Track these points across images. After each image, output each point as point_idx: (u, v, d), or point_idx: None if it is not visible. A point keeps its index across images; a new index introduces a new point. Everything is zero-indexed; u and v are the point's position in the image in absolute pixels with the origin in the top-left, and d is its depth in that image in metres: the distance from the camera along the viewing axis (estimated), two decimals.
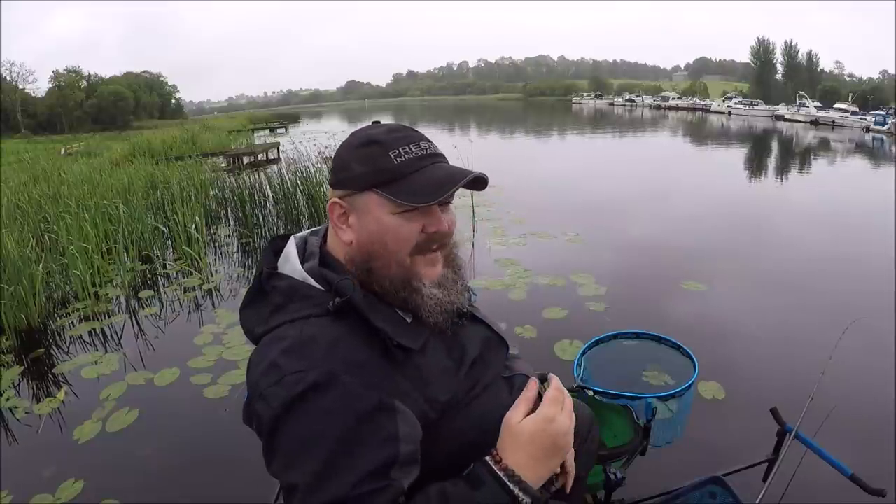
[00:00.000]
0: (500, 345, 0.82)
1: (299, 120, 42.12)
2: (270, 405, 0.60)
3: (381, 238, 0.69)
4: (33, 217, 5.49)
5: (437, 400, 0.67)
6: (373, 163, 0.68)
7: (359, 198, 0.70)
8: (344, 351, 0.63)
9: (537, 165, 11.16)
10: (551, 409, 0.65)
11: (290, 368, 0.61)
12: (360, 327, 0.66)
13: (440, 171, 0.70)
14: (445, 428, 0.68)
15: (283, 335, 0.65)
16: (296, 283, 0.70)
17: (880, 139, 18.70)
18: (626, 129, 23.91)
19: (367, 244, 0.70)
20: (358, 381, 0.61)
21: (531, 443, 0.63)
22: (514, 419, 0.65)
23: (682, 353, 1.54)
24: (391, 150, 0.69)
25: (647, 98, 56.56)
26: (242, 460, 1.95)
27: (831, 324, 2.36)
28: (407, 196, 0.67)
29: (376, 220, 0.69)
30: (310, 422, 0.59)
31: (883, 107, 29.09)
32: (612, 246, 4.92)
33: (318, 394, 0.59)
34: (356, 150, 0.71)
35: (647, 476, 1.57)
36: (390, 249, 0.69)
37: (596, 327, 2.84)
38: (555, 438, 0.64)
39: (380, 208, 0.69)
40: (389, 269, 0.69)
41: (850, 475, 1.29)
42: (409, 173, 0.68)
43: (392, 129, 0.72)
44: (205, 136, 16.77)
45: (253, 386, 0.65)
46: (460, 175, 0.69)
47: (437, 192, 0.67)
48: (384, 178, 0.68)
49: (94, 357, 3.02)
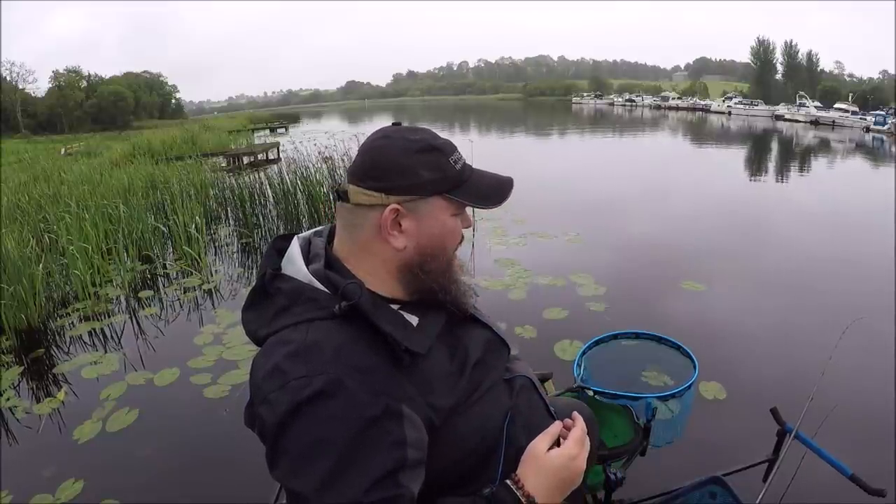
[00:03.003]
0: (501, 347, 0.82)
1: (299, 120, 42.09)
2: (275, 410, 0.60)
3: (442, 239, 0.72)
4: (33, 217, 5.49)
5: (441, 405, 0.67)
6: (441, 169, 0.70)
7: (424, 203, 0.70)
8: (350, 356, 0.63)
9: (537, 165, 11.15)
10: (575, 448, 0.71)
11: (296, 373, 0.60)
12: (365, 331, 0.65)
13: (490, 176, 0.76)
14: (448, 432, 0.68)
15: (287, 338, 0.65)
16: (300, 286, 0.69)
17: (880, 139, 18.70)
18: (625, 129, 23.92)
19: (428, 246, 0.71)
20: (364, 386, 0.61)
21: (554, 475, 0.69)
22: (541, 449, 0.70)
23: (682, 353, 1.54)
24: (450, 157, 0.72)
25: (647, 98, 56.54)
26: (242, 460, 1.96)
27: (831, 324, 2.35)
28: (475, 199, 0.72)
29: (441, 222, 0.72)
30: (316, 427, 0.59)
31: (883, 107, 29.08)
32: (611, 246, 4.92)
33: (324, 399, 0.59)
34: (418, 155, 0.70)
35: (647, 476, 1.57)
36: (448, 248, 0.74)
37: (596, 327, 2.84)
38: (573, 475, 0.70)
39: (445, 212, 0.72)
40: (442, 266, 0.73)
41: (850, 475, 1.29)
42: (467, 178, 0.73)
43: (434, 134, 0.75)
44: (205, 136, 16.75)
45: (256, 389, 0.64)
46: (508, 181, 0.76)
47: (499, 196, 0.74)
48: (452, 183, 0.71)
49: (94, 357, 3.03)
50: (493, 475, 0.71)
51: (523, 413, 0.77)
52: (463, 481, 0.70)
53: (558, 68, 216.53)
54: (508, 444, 0.73)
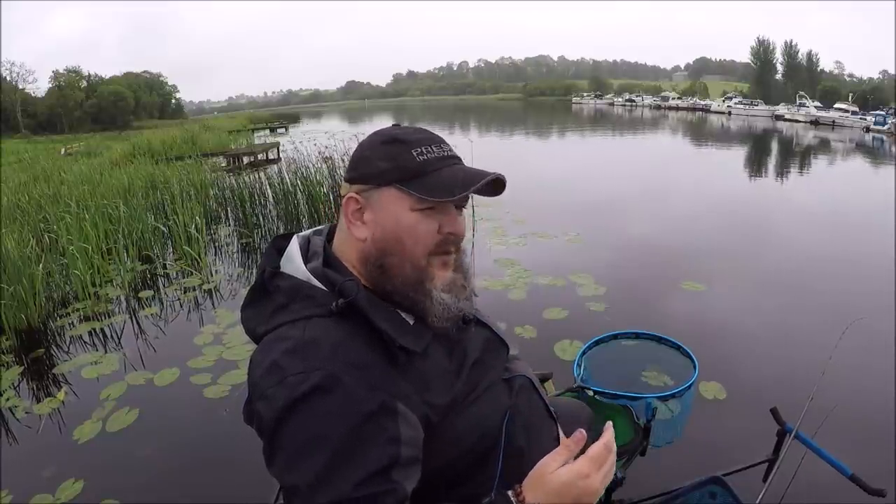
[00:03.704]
0: (500, 346, 0.82)
1: (299, 120, 42.10)
2: (272, 405, 0.60)
3: (397, 235, 0.69)
4: (33, 217, 5.49)
5: (438, 403, 0.67)
6: (396, 159, 0.69)
7: (377, 193, 0.70)
8: (346, 352, 0.63)
9: (537, 165, 11.15)
10: (588, 465, 0.63)
11: (293, 369, 0.61)
12: (362, 329, 0.66)
13: (461, 172, 0.71)
14: (445, 431, 0.68)
15: (285, 335, 0.65)
16: (298, 283, 0.70)
17: (880, 139, 18.70)
18: (625, 129, 23.93)
19: (383, 241, 0.70)
20: (360, 382, 0.61)
21: (557, 493, 0.62)
22: (551, 465, 0.64)
23: (682, 353, 1.54)
24: (414, 149, 0.70)
25: (647, 98, 56.52)
26: (242, 460, 1.96)
27: (831, 324, 2.36)
28: (428, 191, 0.68)
29: (394, 215, 0.69)
30: (312, 423, 0.59)
31: (883, 107, 29.07)
32: (611, 246, 4.92)
33: (321, 395, 0.59)
34: (380, 146, 0.71)
35: (647, 476, 1.57)
36: (407, 247, 0.69)
37: (596, 327, 2.84)
38: (581, 496, 0.63)
39: (399, 204, 0.69)
40: (403, 268, 0.70)
41: (850, 475, 1.29)
42: (430, 171, 0.69)
43: (416, 129, 0.74)
44: (205, 136, 16.77)
45: (254, 385, 0.65)
46: (480, 175, 0.69)
47: (457, 189, 0.68)
48: (406, 174, 0.69)
49: (94, 357, 3.03)
50: (493, 473, 0.71)
51: (523, 413, 0.76)
52: (461, 479, 0.70)
53: (558, 68, 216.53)
54: (507, 444, 0.72)
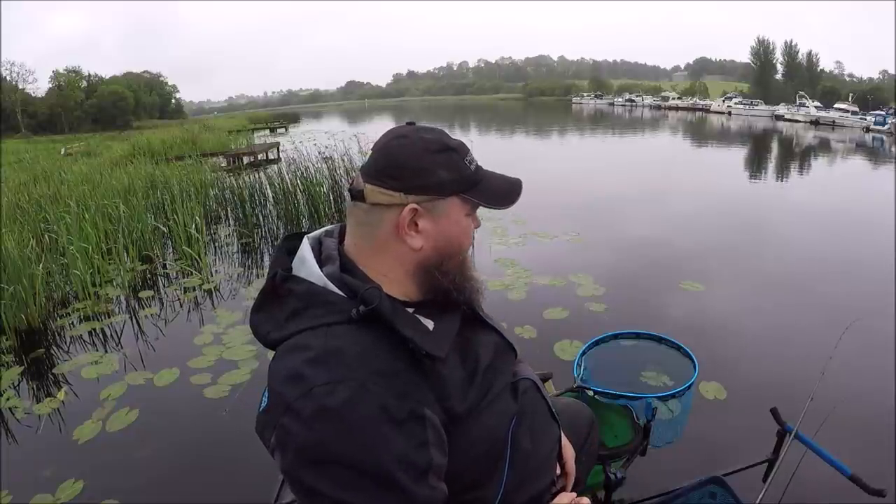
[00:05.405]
0: (508, 350, 0.82)
1: (299, 120, 42.05)
2: (300, 417, 0.59)
3: (458, 239, 0.73)
4: (33, 217, 5.47)
5: (457, 410, 0.67)
6: (458, 169, 0.71)
7: (443, 203, 0.70)
8: (372, 361, 0.62)
9: (537, 165, 11.14)
10: None
11: (318, 379, 0.59)
12: (384, 336, 0.64)
13: (499, 177, 0.77)
14: (460, 438, 0.67)
15: (305, 343, 0.64)
16: (315, 288, 0.68)
17: (880, 139, 18.70)
18: (625, 129, 23.91)
19: (445, 246, 0.72)
20: (389, 391, 0.61)
21: None
22: None
23: (683, 353, 1.54)
24: (465, 157, 0.73)
25: (647, 98, 56.52)
26: (242, 460, 1.96)
27: (831, 324, 2.35)
28: (486, 199, 0.73)
29: (456, 222, 0.72)
30: (345, 435, 0.58)
31: (883, 107, 29.09)
32: (611, 246, 4.92)
33: (351, 405, 0.58)
34: (436, 155, 0.70)
35: (647, 476, 1.57)
36: (463, 247, 0.75)
37: (596, 327, 2.84)
38: None
39: (459, 211, 0.72)
40: (457, 265, 0.74)
41: (850, 475, 1.29)
42: (481, 179, 0.74)
43: (449, 135, 0.75)
44: (205, 136, 16.72)
45: (276, 396, 0.62)
46: (517, 182, 0.78)
47: (511, 196, 0.76)
48: (467, 184, 0.72)
49: (94, 357, 3.02)
50: (499, 478, 0.72)
51: (528, 416, 0.77)
52: (466, 487, 0.69)
53: (558, 68, 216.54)
54: (513, 448, 0.73)
